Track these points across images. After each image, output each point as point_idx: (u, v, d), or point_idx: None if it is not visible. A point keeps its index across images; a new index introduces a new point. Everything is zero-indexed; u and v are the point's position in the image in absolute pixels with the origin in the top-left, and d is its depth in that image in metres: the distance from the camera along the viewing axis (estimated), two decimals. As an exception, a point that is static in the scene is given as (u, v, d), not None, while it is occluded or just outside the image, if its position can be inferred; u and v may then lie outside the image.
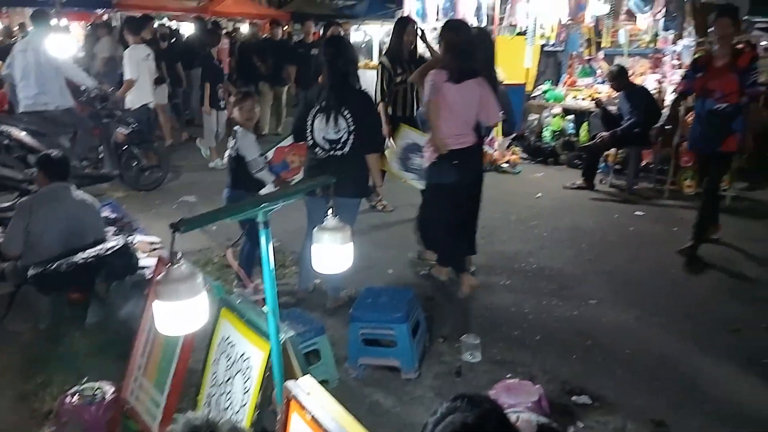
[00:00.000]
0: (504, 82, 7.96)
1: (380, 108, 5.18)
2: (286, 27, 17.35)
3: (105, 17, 16.16)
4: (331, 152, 3.58)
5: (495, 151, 7.68)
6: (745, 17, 9.08)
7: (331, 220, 1.98)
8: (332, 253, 1.97)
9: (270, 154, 4.01)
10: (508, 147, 7.90)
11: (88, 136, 6.43)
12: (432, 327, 3.60)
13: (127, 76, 6.80)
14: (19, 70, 5.80)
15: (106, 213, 4.98)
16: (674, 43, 7.60)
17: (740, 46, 6.45)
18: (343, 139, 3.55)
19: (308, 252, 3.84)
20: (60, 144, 5.86)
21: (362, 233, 4.83)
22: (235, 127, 3.82)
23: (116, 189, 6.37)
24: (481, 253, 4.88)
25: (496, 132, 7.94)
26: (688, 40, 7.22)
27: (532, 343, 3.52)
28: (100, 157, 6.43)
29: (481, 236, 5.17)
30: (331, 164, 3.53)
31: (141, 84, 6.84)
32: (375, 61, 12.98)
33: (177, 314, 1.54)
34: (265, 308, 1.92)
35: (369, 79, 7.45)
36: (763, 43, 9.46)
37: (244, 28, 17.07)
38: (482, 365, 3.26)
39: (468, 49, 3.79)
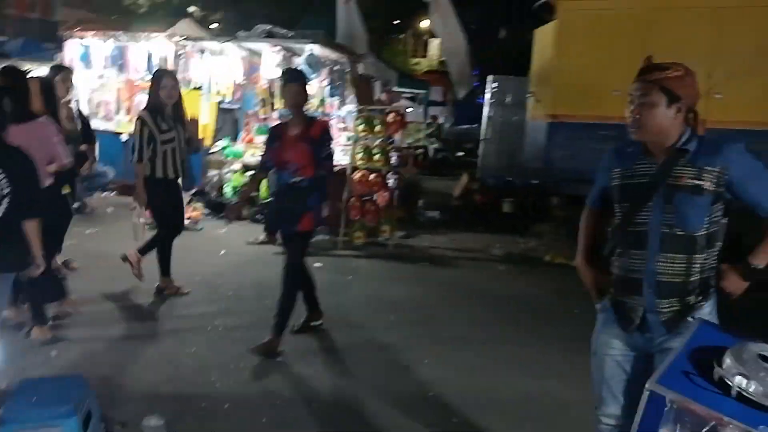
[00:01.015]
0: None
1: (138, 169, 4.82)
2: None
3: None
4: None
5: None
6: (395, 88, 10.64)
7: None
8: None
9: None
10: (189, 203, 7.67)
11: None
12: (109, 413, 3.18)
13: None
14: None
15: None
16: (339, 108, 8.44)
17: (392, 114, 7.51)
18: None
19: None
20: None
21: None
22: None
23: None
24: (164, 319, 4.61)
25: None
26: (351, 107, 8.08)
27: (222, 413, 3.37)
28: None
29: (162, 300, 4.95)
30: None
31: None
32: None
33: None
34: None
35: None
36: (409, 110, 11.18)
37: None
38: (169, 447, 2.99)
39: (24, 92, 3.93)
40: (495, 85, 10.60)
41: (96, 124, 8.23)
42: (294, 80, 4.09)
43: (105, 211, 8.05)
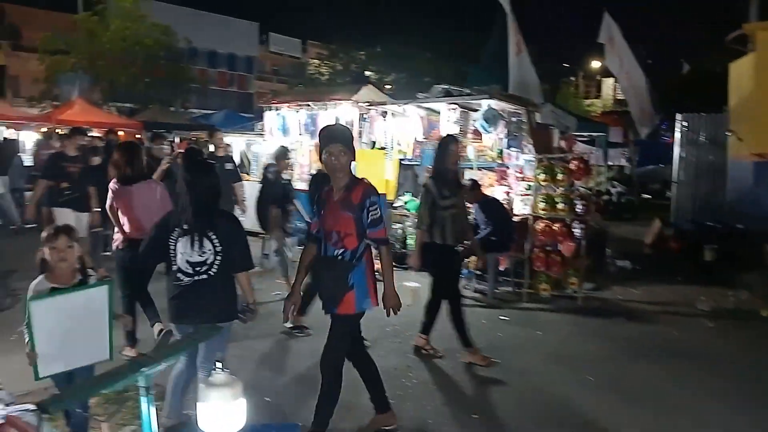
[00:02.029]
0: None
1: (418, 235, 5.01)
2: (139, 136, 16.89)
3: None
4: (196, 277, 3.40)
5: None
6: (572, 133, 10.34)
7: (218, 374, 1.82)
8: (223, 412, 1.80)
9: None
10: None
11: None
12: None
13: None
14: None
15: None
16: (517, 158, 8.39)
17: (575, 161, 7.28)
18: (208, 261, 3.40)
19: (178, 380, 3.51)
20: None
21: (238, 356, 4.54)
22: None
23: (-63, 324, 5.49)
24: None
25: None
26: (530, 156, 8.00)
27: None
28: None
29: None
30: (195, 290, 3.39)
31: None
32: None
33: None
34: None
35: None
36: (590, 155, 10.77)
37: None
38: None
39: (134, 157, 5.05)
40: (685, 123, 9.85)
41: (294, 184, 9.09)
42: (335, 140, 3.46)
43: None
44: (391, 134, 8.96)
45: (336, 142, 3.42)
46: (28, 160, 13.08)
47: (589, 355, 5.25)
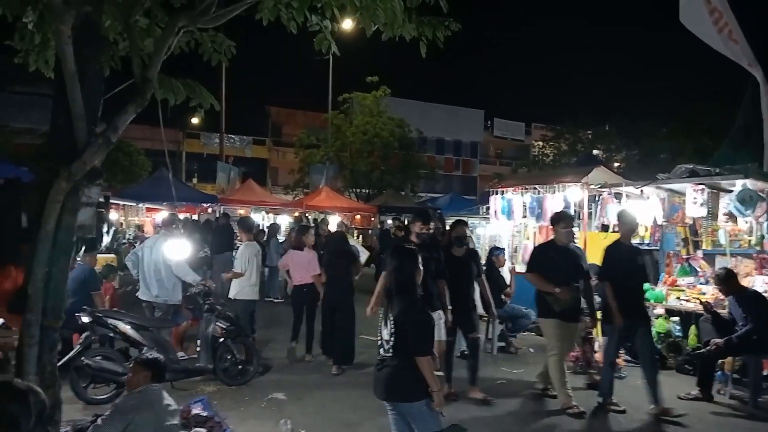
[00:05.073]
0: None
1: None
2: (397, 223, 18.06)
3: (209, 209, 17.73)
4: (384, 353, 3.66)
5: (596, 352, 7.23)
6: None
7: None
8: None
9: None
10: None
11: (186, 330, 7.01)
12: None
13: (236, 268, 7.62)
14: (144, 264, 6.74)
15: (196, 410, 4.94)
16: (782, 244, 7.29)
17: None
18: (390, 342, 3.61)
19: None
20: (159, 339, 6.07)
21: None
22: None
23: (208, 383, 6.33)
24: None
25: (596, 332, 7.57)
26: (798, 243, 6.91)
27: None
28: (197, 350, 6.53)
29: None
30: (383, 365, 3.65)
31: (249, 278, 7.49)
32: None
33: None
34: None
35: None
36: None
37: (333, 219, 17.96)
38: None
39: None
40: None
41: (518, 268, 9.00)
42: None
43: (528, 350, 8.42)
44: (626, 216, 8.42)
45: None
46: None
47: None
